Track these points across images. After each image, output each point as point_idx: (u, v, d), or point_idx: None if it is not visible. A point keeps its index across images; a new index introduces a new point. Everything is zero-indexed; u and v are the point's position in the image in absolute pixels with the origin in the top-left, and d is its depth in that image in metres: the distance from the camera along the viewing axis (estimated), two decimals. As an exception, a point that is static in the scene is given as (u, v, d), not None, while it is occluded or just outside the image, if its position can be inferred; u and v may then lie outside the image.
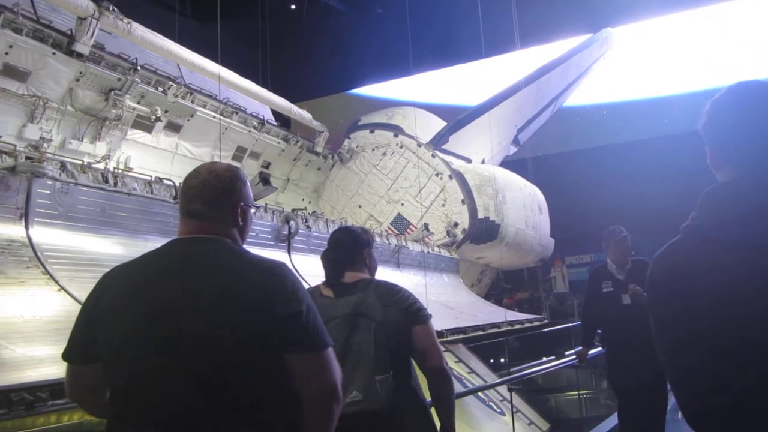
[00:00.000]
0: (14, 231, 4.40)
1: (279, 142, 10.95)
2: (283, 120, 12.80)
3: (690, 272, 1.33)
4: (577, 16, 18.66)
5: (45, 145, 6.51)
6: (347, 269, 2.57)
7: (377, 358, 2.31)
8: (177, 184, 5.93)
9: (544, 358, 6.96)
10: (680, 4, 19.18)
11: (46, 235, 4.61)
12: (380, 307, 2.41)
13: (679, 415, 1.41)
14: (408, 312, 2.43)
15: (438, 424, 2.45)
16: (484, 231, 11.39)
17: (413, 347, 2.41)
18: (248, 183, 1.87)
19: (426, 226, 11.10)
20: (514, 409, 6.35)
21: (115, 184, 5.38)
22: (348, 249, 2.61)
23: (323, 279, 2.63)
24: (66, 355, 1.72)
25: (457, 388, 3.15)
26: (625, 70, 19.98)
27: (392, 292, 2.49)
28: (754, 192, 1.33)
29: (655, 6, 19.00)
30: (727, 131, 1.45)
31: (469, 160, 12.81)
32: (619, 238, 5.00)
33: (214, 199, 1.75)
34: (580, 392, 8.01)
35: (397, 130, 12.35)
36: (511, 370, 8.06)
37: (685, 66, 19.52)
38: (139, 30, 7.75)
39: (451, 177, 11.62)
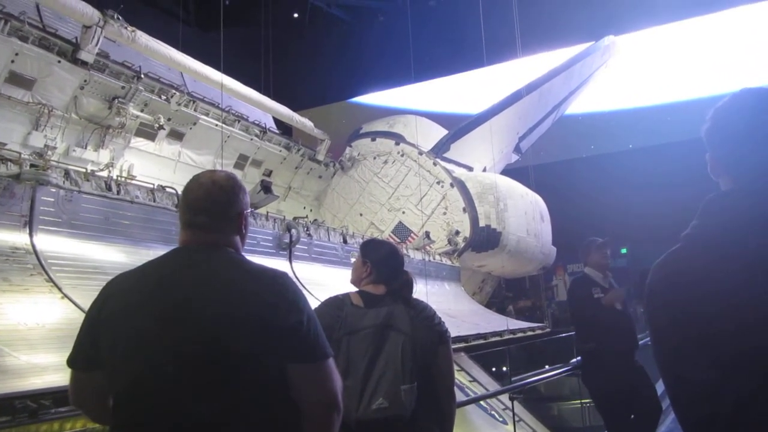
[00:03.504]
0: (18, 238, 4.42)
1: (281, 150, 10.97)
2: (284, 128, 12.84)
3: (689, 280, 1.32)
4: (579, 24, 18.73)
5: (49, 152, 6.53)
6: (385, 284, 2.70)
7: (404, 369, 2.45)
8: (179, 193, 5.95)
9: (547, 367, 6.93)
10: (682, 13, 19.24)
11: (50, 243, 4.62)
12: (409, 321, 2.55)
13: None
14: (434, 331, 2.61)
15: None
16: (485, 239, 11.38)
17: (434, 365, 2.57)
18: (246, 189, 1.90)
19: (427, 235, 11.09)
20: (517, 418, 6.33)
21: (118, 192, 5.40)
22: (400, 265, 2.77)
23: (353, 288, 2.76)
24: (70, 361, 1.73)
25: (459, 397, 3.16)
26: (628, 77, 20.01)
27: (419, 308, 2.66)
28: (754, 201, 1.32)
29: (657, 15, 19.07)
30: (729, 138, 1.43)
31: (470, 169, 12.82)
32: (599, 245, 5.02)
33: (219, 211, 1.77)
34: (583, 401, 7.97)
35: (398, 139, 12.37)
36: (513, 378, 8.04)
37: (687, 73, 19.57)
38: (143, 38, 7.80)
39: (452, 185, 11.63)
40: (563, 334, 10.53)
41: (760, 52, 18.26)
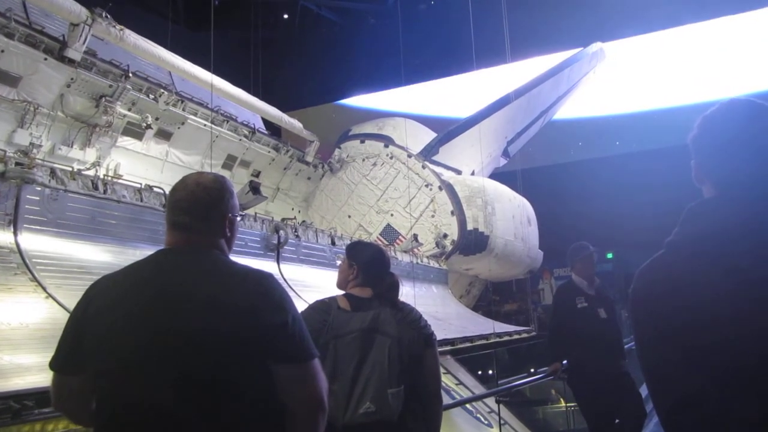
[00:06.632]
0: (2, 237, 4.37)
1: (269, 151, 10.95)
2: (273, 129, 12.80)
3: (672, 286, 1.34)
4: (567, 30, 18.86)
5: (35, 150, 6.47)
6: (372, 286, 2.70)
7: (390, 373, 2.44)
8: (167, 192, 5.92)
9: (532, 370, 6.96)
10: (670, 21, 19.44)
11: (35, 242, 4.57)
12: (395, 325, 2.55)
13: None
14: (421, 333, 2.60)
15: None
16: (473, 242, 11.42)
17: (421, 368, 2.56)
18: (235, 192, 1.88)
19: (415, 237, 11.12)
20: (502, 422, 6.36)
21: (105, 192, 5.36)
22: (386, 268, 2.80)
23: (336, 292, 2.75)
24: (53, 364, 1.71)
25: (445, 399, 3.17)
26: (616, 83, 20.19)
27: (405, 311, 2.65)
28: (735, 209, 1.34)
29: (645, 23, 19.27)
30: (715, 146, 1.45)
31: (459, 172, 12.86)
32: (585, 254, 5.00)
33: (202, 213, 1.75)
34: (568, 405, 8.01)
35: (387, 141, 12.39)
36: (499, 382, 8.05)
37: (673, 81, 19.78)
38: (132, 37, 7.75)
39: (440, 188, 11.66)
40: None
41: (748, 60, 18.51)
